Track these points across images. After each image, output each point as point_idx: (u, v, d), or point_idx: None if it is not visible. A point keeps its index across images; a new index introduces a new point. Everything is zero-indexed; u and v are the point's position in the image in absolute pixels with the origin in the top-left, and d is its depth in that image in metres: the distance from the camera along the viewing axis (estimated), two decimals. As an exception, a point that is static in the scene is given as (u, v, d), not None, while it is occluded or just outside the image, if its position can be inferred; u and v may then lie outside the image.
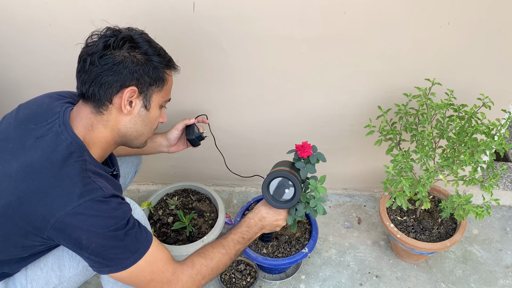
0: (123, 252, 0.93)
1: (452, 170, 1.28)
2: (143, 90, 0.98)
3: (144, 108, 1.00)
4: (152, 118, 1.04)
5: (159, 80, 1.00)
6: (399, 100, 1.44)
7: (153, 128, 1.08)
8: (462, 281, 1.54)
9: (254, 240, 1.44)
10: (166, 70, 1.02)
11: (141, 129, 1.03)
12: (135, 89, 0.96)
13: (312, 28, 1.31)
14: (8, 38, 1.36)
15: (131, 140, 1.05)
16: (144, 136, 1.07)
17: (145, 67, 0.96)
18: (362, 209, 1.83)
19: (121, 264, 0.93)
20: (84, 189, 0.88)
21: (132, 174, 1.46)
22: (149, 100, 1.00)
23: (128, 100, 0.96)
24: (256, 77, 1.46)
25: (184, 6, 1.27)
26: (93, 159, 0.97)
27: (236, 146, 1.70)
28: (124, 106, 0.96)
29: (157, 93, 1.01)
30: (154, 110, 1.03)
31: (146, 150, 1.38)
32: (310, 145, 1.24)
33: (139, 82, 0.96)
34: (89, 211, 0.87)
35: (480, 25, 1.31)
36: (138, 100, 0.98)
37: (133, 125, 1.01)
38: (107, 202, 0.90)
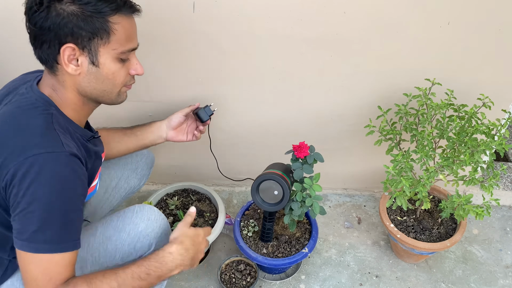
0: (45, 232, 0.82)
1: (452, 170, 1.28)
2: (85, 45, 0.87)
3: (92, 65, 0.89)
4: (108, 74, 0.92)
5: (99, 31, 0.86)
6: (399, 100, 1.44)
7: (117, 82, 0.95)
8: (462, 281, 1.54)
9: (254, 240, 1.45)
10: (109, 17, 0.86)
11: (100, 87, 0.93)
12: (72, 46, 0.85)
13: (312, 28, 1.31)
14: (6, 38, 1.36)
15: (98, 99, 0.97)
16: (109, 92, 0.96)
17: (77, 20, 0.84)
18: (362, 209, 1.83)
19: (35, 244, 0.82)
20: (42, 140, 0.83)
21: (146, 173, 1.44)
22: (95, 55, 0.88)
23: (70, 59, 0.87)
24: (256, 77, 1.46)
25: (184, 6, 1.27)
26: (66, 117, 0.92)
27: (236, 146, 1.70)
28: (66, 65, 0.87)
29: (105, 45, 0.88)
30: (107, 65, 0.90)
31: (145, 139, 1.31)
32: (308, 145, 1.24)
33: (75, 37, 0.85)
34: (40, 166, 0.80)
35: (480, 25, 1.31)
36: (83, 57, 0.88)
37: (88, 84, 0.92)
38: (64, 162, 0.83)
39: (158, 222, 1.05)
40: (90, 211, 1.32)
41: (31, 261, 0.84)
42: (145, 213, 1.05)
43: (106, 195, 1.34)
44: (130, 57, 0.96)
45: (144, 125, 1.34)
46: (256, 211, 1.56)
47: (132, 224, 1.02)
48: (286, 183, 1.20)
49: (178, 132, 1.34)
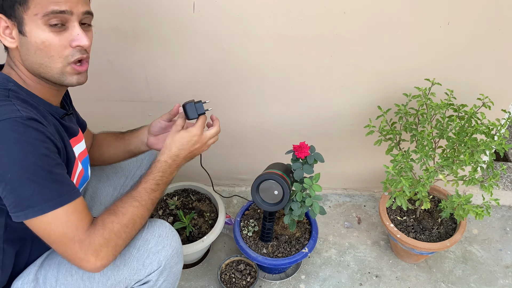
0: (42, 191, 0.80)
1: (452, 170, 1.28)
2: (11, 14, 0.83)
3: (21, 35, 0.85)
4: (37, 43, 0.85)
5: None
6: (399, 100, 1.44)
7: (52, 54, 0.87)
8: (462, 281, 1.54)
9: (254, 240, 1.45)
10: None
11: (35, 59, 0.87)
12: (2, 16, 0.83)
13: (312, 28, 1.31)
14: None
15: (41, 75, 0.90)
16: (48, 67, 0.88)
17: None
18: (362, 209, 1.83)
19: (38, 206, 0.80)
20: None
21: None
22: (21, 24, 0.84)
23: (5, 32, 0.85)
24: (256, 77, 1.46)
25: (184, 6, 1.27)
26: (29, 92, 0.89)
27: (236, 146, 1.70)
28: (2, 38, 0.85)
29: (26, 12, 0.83)
30: (33, 32, 0.84)
31: (131, 144, 1.25)
32: (308, 145, 1.24)
33: (2, 8, 0.83)
34: (2, 134, 0.77)
35: (480, 25, 1.31)
36: (15, 28, 0.84)
37: (26, 57, 0.87)
38: (25, 124, 0.79)
39: (169, 240, 1.01)
40: (101, 210, 1.30)
41: (47, 223, 0.83)
42: (156, 229, 1.01)
43: (115, 192, 1.34)
44: (69, 26, 0.87)
45: (133, 130, 1.27)
46: (256, 211, 1.56)
47: (142, 240, 0.99)
48: (286, 183, 1.20)
49: (159, 139, 1.20)
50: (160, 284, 1.01)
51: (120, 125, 1.64)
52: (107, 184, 1.31)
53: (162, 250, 0.99)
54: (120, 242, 0.91)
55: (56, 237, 0.84)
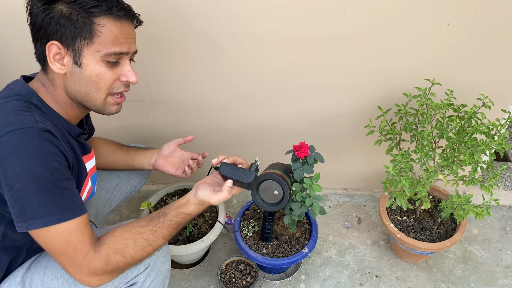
0: (47, 204, 0.81)
1: (452, 170, 1.28)
2: (69, 44, 0.87)
3: (76, 65, 0.89)
4: (91, 75, 0.90)
5: (82, 31, 0.86)
6: (399, 100, 1.44)
7: (102, 87, 0.93)
8: (462, 281, 1.54)
9: (254, 240, 1.45)
10: (94, 18, 0.86)
11: (83, 89, 0.92)
12: (56, 43, 0.87)
13: (312, 28, 1.31)
14: (8, 38, 1.36)
15: (83, 103, 0.95)
16: (93, 97, 0.94)
17: (62, 18, 0.85)
18: (362, 209, 1.83)
19: (41, 218, 0.81)
20: (16, 119, 0.82)
21: (124, 193, 1.40)
22: (79, 55, 0.88)
23: (56, 58, 0.88)
24: (256, 77, 1.46)
25: (184, 6, 1.27)
26: (50, 109, 0.92)
27: (236, 146, 1.70)
28: (51, 63, 0.89)
29: (88, 46, 0.88)
30: (90, 66, 0.89)
31: (134, 160, 1.30)
32: (308, 145, 1.24)
33: (59, 35, 0.86)
34: (17, 142, 0.79)
35: (480, 25, 1.31)
36: (68, 56, 0.88)
37: (73, 85, 0.91)
38: (41, 136, 0.81)
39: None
40: (93, 213, 1.31)
41: (49, 238, 0.84)
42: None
43: (107, 195, 1.34)
44: (122, 62, 0.94)
45: (140, 148, 1.34)
46: (256, 211, 1.56)
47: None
48: (286, 183, 1.20)
49: (168, 162, 1.28)
50: (148, 285, 1.01)
51: (120, 125, 1.64)
52: (99, 186, 1.31)
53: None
54: (120, 273, 0.94)
55: (57, 252, 0.86)
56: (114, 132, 1.63)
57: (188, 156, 1.31)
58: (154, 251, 0.98)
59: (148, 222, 0.97)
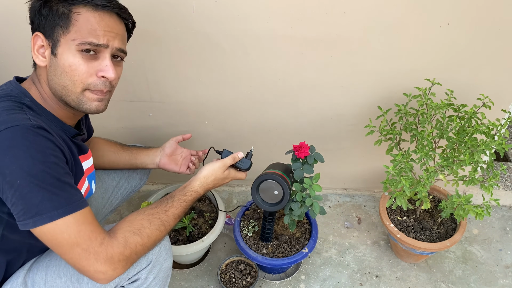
0: (51, 198, 0.80)
1: (452, 170, 1.28)
2: (49, 35, 0.87)
3: (53, 56, 0.88)
4: (65, 65, 0.87)
5: (60, 20, 0.85)
6: (399, 100, 1.44)
7: (76, 79, 0.89)
8: (462, 281, 1.54)
9: (254, 240, 1.45)
10: (73, 7, 0.86)
11: (59, 81, 0.89)
12: (39, 35, 0.87)
13: (312, 28, 1.31)
14: (7, 38, 1.36)
15: (62, 97, 0.92)
16: (69, 91, 0.90)
17: (44, 8, 0.86)
18: (362, 209, 1.83)
19: (47, 213, 0.79)
20: (7, 118, 0.81)
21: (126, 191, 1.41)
22: (56, 45, 0.87)
23: (39, 50, 0.88)
24: (256, 77, 1.46)
25: (184, 6, 1.27)
26: (43, 109, 0.91)
27: (236, 146, 1.70)
28: (34, 55, 0.89)
29: (65, 35, 0.86)
30: (64, 55, 0.87)
31: (137, 159, 1.33)
32: (308, 145, 1.24)
33: (41, 26, 0.87)
34: (11, 140, 0.78)
35: (480, 25, 1.31)
36: (49, 48, 0.88)
37: (51, 77, 0.90)
38: (34, 132, 0.80)
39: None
40: (93, 212, 1.30)
41: (58, 232, 0.81)
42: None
43: (107, 195, 1.34)
44: (100, 56, 0.91)
45: (142, 147, 1.36)
46: (256, 211, 1.56)
47: None
48: (286, 183, 1.20)
49: (171, 160, 1.34)
50: (150, 281, 1.02)
51: (120, 125, 1.64)
52: (99, 186, 1.31)
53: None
54: (137, 259, 0.94)
55: (68, 246, 0.83)
56: (114, 132, 1.63)
57: (188, 153, 1.37)
58: (167, 232, 1.00)
59: (158, 205, 1.01)
